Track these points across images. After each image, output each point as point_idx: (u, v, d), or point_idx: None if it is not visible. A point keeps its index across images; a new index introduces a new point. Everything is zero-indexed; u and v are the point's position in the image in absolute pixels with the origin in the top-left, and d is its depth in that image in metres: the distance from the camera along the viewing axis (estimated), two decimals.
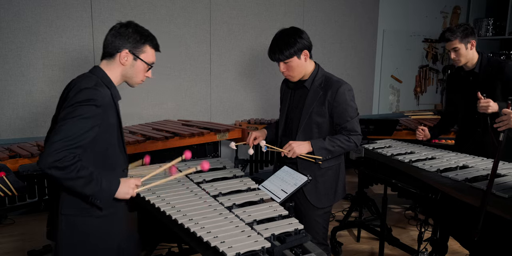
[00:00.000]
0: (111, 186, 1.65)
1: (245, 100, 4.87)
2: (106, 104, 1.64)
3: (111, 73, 1.74)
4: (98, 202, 1.63)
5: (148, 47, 1.78)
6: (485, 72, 2.67)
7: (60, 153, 1.50)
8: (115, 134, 1.73)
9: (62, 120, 1.56)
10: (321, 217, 2.31)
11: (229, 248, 1.50)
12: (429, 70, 6.18)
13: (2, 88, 3.71)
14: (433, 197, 2.30)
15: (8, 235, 3.48)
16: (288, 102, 2.35)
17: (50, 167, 1.50)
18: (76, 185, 1.56)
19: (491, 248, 1.95)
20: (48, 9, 3.76)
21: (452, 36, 2.61)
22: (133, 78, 1.79)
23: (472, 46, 2.65)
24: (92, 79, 1.68)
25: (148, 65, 1.80)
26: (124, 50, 1.72)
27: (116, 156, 1.76)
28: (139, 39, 1.74)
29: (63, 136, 1.52)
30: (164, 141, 3.33)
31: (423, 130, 2.90)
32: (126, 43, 1.72)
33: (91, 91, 1.60)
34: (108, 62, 1.75)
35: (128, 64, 1.74)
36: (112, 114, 1.70)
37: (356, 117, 2.23)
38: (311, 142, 2.16)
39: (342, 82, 2.20)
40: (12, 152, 2.88)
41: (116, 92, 1.75)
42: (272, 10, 4.84)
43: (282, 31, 2.18)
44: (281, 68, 2.19)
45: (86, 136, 1.58)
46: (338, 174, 2.32)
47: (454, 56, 2.66)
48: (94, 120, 1.59)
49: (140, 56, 1.76)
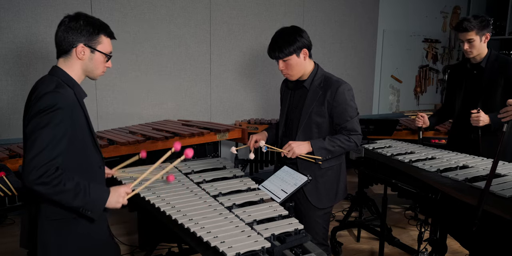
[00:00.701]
0: (101, 196, 1.61)
1: (245, 100, 4.87)
2: (71, 105, 1.59)
3: (71, 71, 1.68)
4: (89, 214, 1.58)
5: (103, 37, 1.69)
6: (491, 68, 2.65)
7: (40, 169, 1.46)
8: (86, 133, 1.69)
9: (32, 133, 1.50)
10: (321, 218, 2.30)
11: (229, 248, 1.50)
12: (429, 70, 6.18)
13: (3, 88, 3.71)
14: (433, 197, 2.29)
15: (8, 235, 3.48)
16: (288, 103, 2.35)
17: (36, 184, 1.46)
18: (64, 198, 1.51)
19: (491, 248, 1.95)
20: (48, 9, 3.76)
21: (470, 26, 2.57)
22: (94, 71, 1.72)
23: (486, 39, 2.63)
24: (53, 80, 1.62)
25: (107, 55, 1.72)
26: (80, 45, 1.64)
27: (91, 154, 1.72)
28: (92, 30, 1.65)
29: (38, 150, 1.47)
30: (164, 141, 3.32)
31: (422, 117, 2.87)
32: (80, 37, 1.64)
33: (52, 95, 1.54)
34: (65, 60, 1.68)
35: (86, 58, 1.67)
36: (80, 113, 1.65)
37: (356, 116, 2.22)
38: (311, 142, 2.16)
39: (342, 82, 2.19)
40: (12, 152, 2.89)
41: (79, 90, 1.69)
42: (272, 10, 4.84)
43: (282, 30, 2.18)
44: (280, 66, 2.18)
45: (62, 143, 1.54)
46: (339, 175, 2.32)
47: (467, 47, 2.62)
48: (64, 124, 1.54)
49: (97, 47, 1.68)
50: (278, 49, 2.12)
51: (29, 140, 1.51)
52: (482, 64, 2.67)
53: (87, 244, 1.72)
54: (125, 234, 3.48)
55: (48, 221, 1.65)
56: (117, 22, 4.07)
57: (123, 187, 1.69)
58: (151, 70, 4.30)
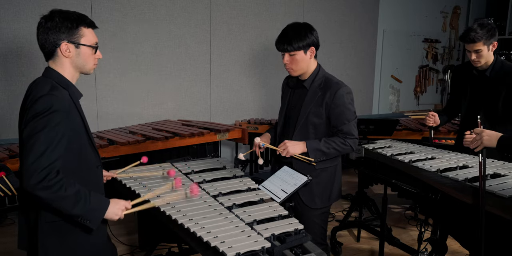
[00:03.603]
0: (101, 205, 1.59)
1: (245, 100, 4.86)
2: (67, 106, 1.57)
3: (63, 70, 1.65)
4: (88, 223, 1.56)
5: (84, 29, 1.63)
6: (495, 76, 2.60)
7: (41, 173, 1.44)
8: (83, 134, 1.67)
9: (30, 137, 1.48)
10: (319, 217, 2.30)
11: (229, 248, 1.50)
12: (429, 70, 6.18)
13: (3, 88, 3.71)
14: (433, 197, 2.29)
15: (8, 235, 3.48)
16: (287, 101, 2.35)
17: (37, 189, 1.44)
18: (64, 205, 1.49)
19: (491, 248, 1.95)
20: (48, 9, 3.68)
21: (477, 37, 2.50)
22: (85, 65, 1.68)
23: (493, 47, 2.57)
24: (47, 83, 1.60)
25: (93, 47, 1.67)
26: (63, 43, 1.60)
27: (88, 154, 1.71)
28: (70, 25, 1.60)
29: (38, 154, 1.45)
30: (164, 141, 3.32)
31: (433, 116, 2.82)
32: (60, 34, 1.59)
33: (48, 98, 1.52)
34: (54, 61, 1.65)
35: (73, 55, 1.63)
36: (76, 114, 1.64)
37: (354, 120, 2.21)
38: (306, 143, 2.16)
39: (342, 85, 2.18)
40: (12, 152, 2.88)
41: (74, 91, 1.67)
42: (272, 10, 4.84)
43: (294, 24, 2.17)
44: (285, 60, 2.17)
45: (61, 145, 1.52)
46: (333, 176, 2.30)
47: (475, 57, 2.56)
48: (61, 126, 1.52)
49: (81, 41, 1.63)
50: (288, 42, 2.11)
51: (27, 144, 1.49)
52: (487, 73, 2.62)
53: (87, 245, 1.72)
54: (125, 234, 3.48)
55: (47, 223, 1.64)
56: (117, 22, 4.07)
57: (123, 201, 1.68)
58: (151, 70, 4.30)
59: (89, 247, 1.72)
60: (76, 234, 1.68)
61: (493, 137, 1.85)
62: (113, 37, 4.06)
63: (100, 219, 1.59)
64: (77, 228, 1.67)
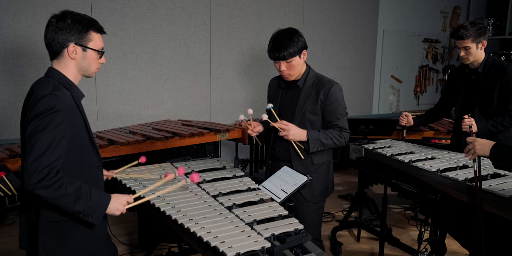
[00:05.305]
0: (103, 201, 1.60)
1: (245, 100, 4.87)
2: (69, 107, 1.58)
3: (67, 71, 1.66)
4: (90, 219, 1.57)
5: (93, 33, 1.66)
6: (487, 73, 2.70)
7: (41, 172, 1.45)
8: (84, 134, 1.68)
9: (31, 137, 1.50)
10: (316, 212, 2.39)
11: (229, 248, 1.50)
12: (429, 70, 6.18)
13: (3, 88, 3.71)
14: (433, 197, 2.30)
15: (8, 235, 3.48)
16: (279, 102, 2.41)
17: (37, 188, 1.45)
18: (66, 202, 1.50)
19: (491, 248, 1.95)
20: (48, 9, 3.76)
21: (466, 34, 2.59)
22: (89, 69, 1.70)
23: (482, 46, 2.66)
24: (49, 83, 1.61)
25: (99, 52, 1.69)
26: (70, 44, 1.62)
27: (89, 155, 1.71)
28: (81, 28, 1.62)
29: (39, 154, 1.47)
30: (164, 141, 3.32)
31: (406, 116, 2.98)
32: (70, 36, 1.61)
33: (50, 98, 1.53)
34: (59, 61, 1.66)
35: (79, 57, 1.65)
36: (77, 115, 1.65)
37: (346, 115, 2.33)
38: (308, 133, 2.23)
39: (334, 82, 2.29)
40: (12, 152, 2.88)
41: (77, 91, 1.68)
42: (272, 10, 4.84)
43: (282, 31, 2.21)
44: (281, 67, 2.22)
45: (61, 145, 1.53)
46: (328, 170, 2.41)
47: (464, 54, 2.67)
48: (63, 126, 1.53)
49: (89, 45, 1.65)
50: (284, 49, 2.15)
51: (28, 143, 1.50)
52: (479, 70, 2.72)
53: (87, 245, 1.72)
54: (125, 234, 3.49)
55: (48, 223, 1.64)
56: (117, 22, 4.07)
57: (125, 196, 1.68)
58: (151, 70, 4.30)
59: (90, 247, 1.73)
60: (77, 234, 1.68)
61: (486, 146, 1.85)
62: (113, 37, 4.06)
63: (102, 214, 1.60)
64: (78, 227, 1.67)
